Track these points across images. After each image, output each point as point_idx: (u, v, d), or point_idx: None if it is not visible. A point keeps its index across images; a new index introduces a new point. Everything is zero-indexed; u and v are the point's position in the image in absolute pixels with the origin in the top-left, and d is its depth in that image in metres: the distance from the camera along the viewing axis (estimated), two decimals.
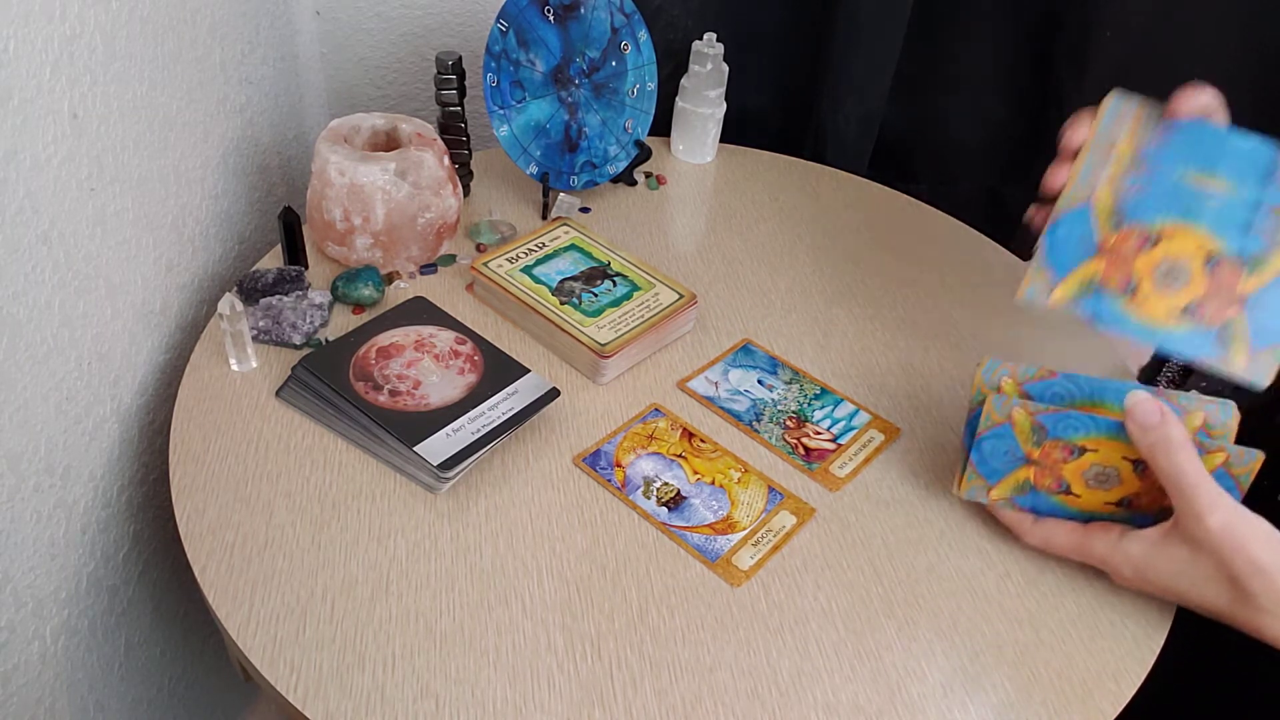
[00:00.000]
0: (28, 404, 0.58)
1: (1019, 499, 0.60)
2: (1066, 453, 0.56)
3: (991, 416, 0.57)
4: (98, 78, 0.61)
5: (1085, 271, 0.58)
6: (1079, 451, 0.56)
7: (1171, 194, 0.55)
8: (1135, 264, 0.57)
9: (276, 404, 0.68)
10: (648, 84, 0.92)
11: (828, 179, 1.00)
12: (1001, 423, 0.57)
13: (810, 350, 0.77)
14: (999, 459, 0.58)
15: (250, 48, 0.87)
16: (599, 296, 0.75)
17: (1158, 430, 0.53)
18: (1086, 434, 0.56)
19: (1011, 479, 0.59)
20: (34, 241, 0.56)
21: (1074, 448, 0.56)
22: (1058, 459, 0.57)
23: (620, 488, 0.64)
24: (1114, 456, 0.56)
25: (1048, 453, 0.57)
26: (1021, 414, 0.56)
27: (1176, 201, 0.55)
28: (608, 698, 0.52)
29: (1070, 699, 0.54)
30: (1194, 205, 0.55)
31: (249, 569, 0.57)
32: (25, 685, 0.62)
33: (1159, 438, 0.53)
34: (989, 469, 0.59)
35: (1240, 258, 0.56)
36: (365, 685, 0.51)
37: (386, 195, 0.75)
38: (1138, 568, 0.56)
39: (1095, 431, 0.55)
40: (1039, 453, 0.57)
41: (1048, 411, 0.56)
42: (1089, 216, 0.57)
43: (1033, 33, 1.00)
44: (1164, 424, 0.53)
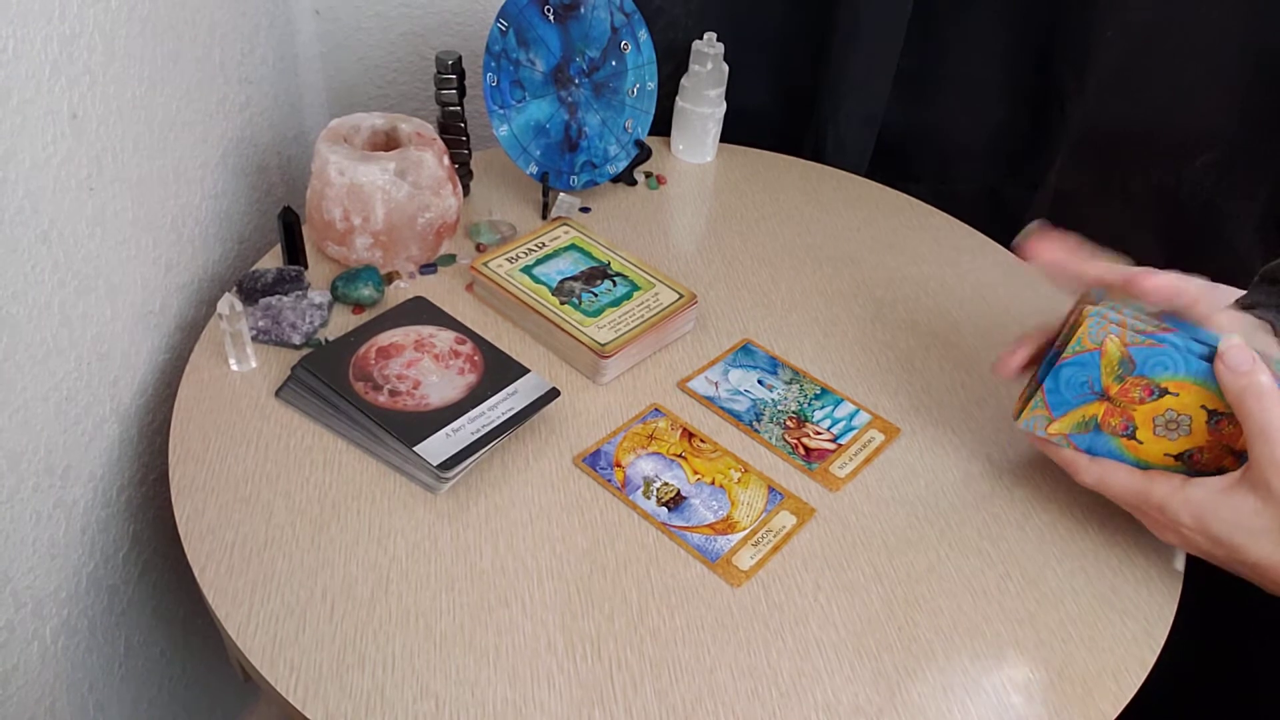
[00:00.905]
0: (27, 404, 0.58)
1: (1077, 438, 0.59)
2: (1146, 393, 0.56)
3: (1083, 340, 0.56)
4: (97, 78, 0.61)
5: (1085, 411, 0.59)
6: (1159, 393, 0.56)
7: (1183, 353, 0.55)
8: (1136, 412, 0.57)
9: (276, 404, 0.68)
10: (648, 83, 0.92)
11: (828, 179, 1.00)
12: (1092, 350, 0.56)
13: (810, 350, 0.77)
14: (1074, 389, 0.58)
15: (250, 47, 0.87)
16: (599, 296, 0.75)
17: (1249, 375, 0.52)
18: (1174, 374, 0.55)
19: (1079, 413, 0.58)
20: (33, 241, 0.56)
21: (1155, 388, 0.56)
22: (1135, 398, 0.56)
23: (620, 488, 0.64)
24: (1193, 403, 0.55)
25: (1127, 390, 0.56)
26: (1115, 343, 0.56)
27: (1186, 363, 0.55)
28: (608, 698, 0.52)
29: (1070, 699, 0.54)
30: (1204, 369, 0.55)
31: (249, 569, 0.57)
32: (25, 685, 0.62)
33: (1250, 383, 0.52)
34: (1059, 399, 0.58)
35: None
36: (365, 685, 0.51)
37: (386, 195, 0.75)
38: (1198, 515, 0.55)
39: (1184, 373, 0.55)
40: (1118, 388, 0.56)
41: (1142, 345, 0.55)
42: (1096, 363, 0.57)
43: (1033, 32, 1.00)
44: (1256, 370, 0.52)
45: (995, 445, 0.69)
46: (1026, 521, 0.64)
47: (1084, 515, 0.64)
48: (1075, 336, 0.57)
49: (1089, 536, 0.63)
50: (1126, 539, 0.63)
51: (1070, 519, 0.64)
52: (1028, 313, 0.83)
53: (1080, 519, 0.64)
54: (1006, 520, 0.64)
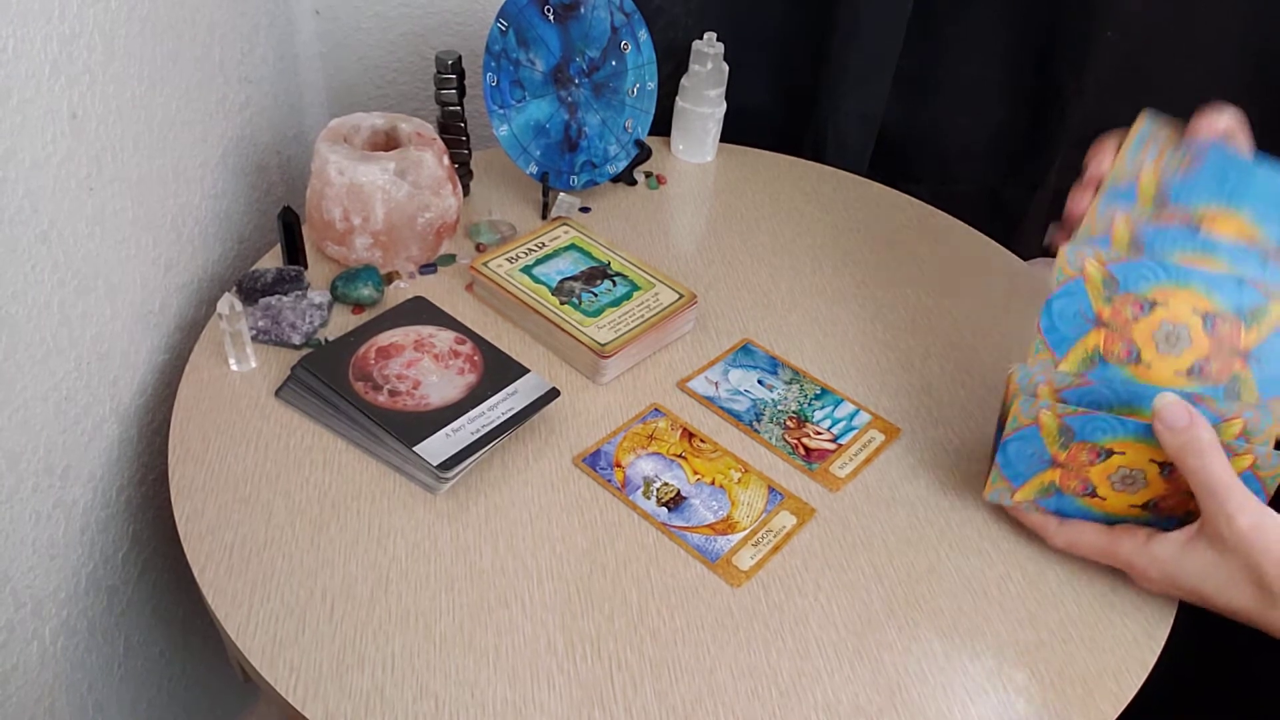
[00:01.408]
0: (27, 404, 0.58)
1: (1043, 501, 0.60)
2: (1093, 455, 0.56)
3: (1019, 419, 0.57)
4: (97, 77, 0.61)
5: (1042, 479, 0.59)
6: (1106, 454, 0.56)
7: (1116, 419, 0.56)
8: (1134, 331, 0.57)
9: (276, 404, 0.68)
10: (648, 83, 0.92)
11: (828, 179, 1.00)
12: (1028, 424, 0.57)
13: (810, 350, 0.77)
14: (1024, 462, 0.58)
15: (249, 47, 0.86)
16: (599, 296, 0.75)
17: (1187, 432, 0.53)
18: (1114, 436, 0.55)
19: (1036, 481, 0.59)
20: (33, 241, 0.56)
21: (1101, 450, 0.56)
22: (1084, 461, 0.57)
23: (620, 488, 0.64)
24: (1141, 459, 0.56)
25: (1074, 455, 0.57)
26: (1049, 416, 0.56)
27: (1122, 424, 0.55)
28: (607, 698, 0.52)
29: (1071, 699, 0.54)
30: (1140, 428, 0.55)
31: (248, 569, 0.57)
32: (24, 685, 0.62)
33: (1189, 439, 0.52)
34: (1014, 472, 0.59)
35: (1238, 314, 0.56)
36: (365, 686, 0.51)
37: (386, 195, 0.75)
38: (1165, 570, 0.55)
39: (1123, 434, 0.55)
40: (1065, 455, 0.57)
41: (1075, 414, 0.56)
42: (1037, 436, 0.57)
43: (1033, 32, 1.00)
44: (1192, 425, 0.52)
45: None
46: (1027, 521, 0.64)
47: None
48: (1010, 414, 0.57)
49: None
50: None
51: None
52: (1028, 313, 0.83)
53: None
54: (1006, 520, 0.64)
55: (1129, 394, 0.56)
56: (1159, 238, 0.57)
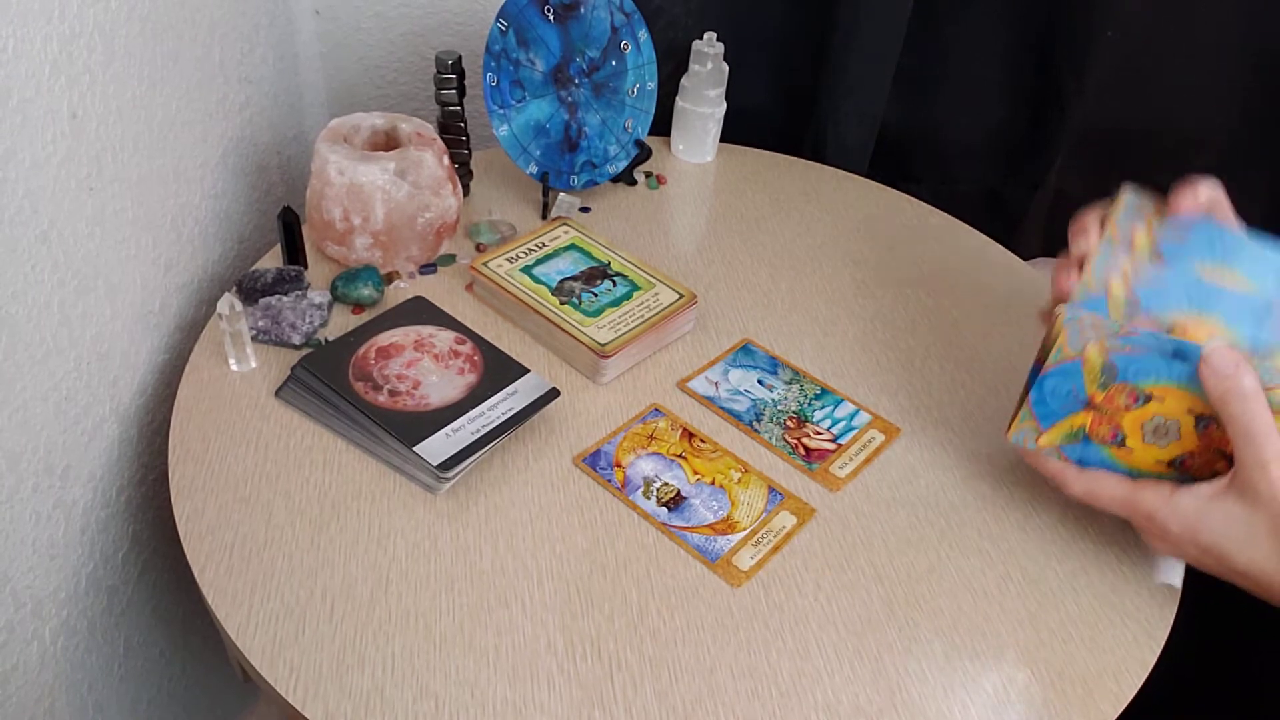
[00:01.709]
0: (27, 404, 0.58)
1: (1068, 449, 0.59)
2: (1131, 399, 0.55)
3: (1064, 350, 0.56)
4: (97, 77, 0.61)
5: (1073, 422, 0.58)
6: (1144, 399, 0.55)
7: (1162, 362, 0.55)
8: (1123, 420, 0.57)
9: (276, 404, 0.68)
10: (648, 83, 0.92)
11: (828, 179, 1.00)
12: (1073, 358, 0.56)
13: (810, 350, 0.77)
14: (1059, 399, 0.57)
15: (249, 47, 0.86)
16: (599, 296, 0.75)
17: (1232, 378, 0.52)
18: (1157, 380, 0.54)
19: (1066, 424, 0.58)
20: (33, 241, 0.56)
21: (1140, 394, 0.55)
22: (1120, 405, 0.56)
23: (620, 488, 0.64)
24: (1179, 408, 0.55)
25: (1111, 397, 0.56)
26: (1095, 350, 0.55)
27: (1168, 368, 0.55)
28: (607, 698, 0.52)
29: (1071, 699, 0.54)
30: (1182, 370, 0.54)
31: (248, 569, 0.57)
32: (24, 685, 0.62)
33: (1233, 385, 0.52)
34: (1045, 410, 0.58)
35: None
36: (365, 686, 0.51)
37: (386, 195, 0.75)
38: (1187, 523, 0.54)
39: (1166, 378, 0.54)
40: (1102, 396, 0.56)
41: (1124, 351, 0.55)
42: (1079, 372, 0.57)
43: (1033, 32, 1.00)
44: (1239, 373, 0.52)
45: (995, 445, 0.69)
46: (1027, 521, 0.64)
47: (1085, 516, 0.64)
48: (1055, 345, 0.57)
49: (1090, 537, 0.63)
50: (1127, 540, 0.63)
51: (1071, 519, 0.64)
52: (1028, 313, 0.83)
53: (1081, 519, 0.64)
54: (1006, 520, 0.64)
55: (1175, 346, 0.55)
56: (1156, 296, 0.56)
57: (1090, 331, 0.56)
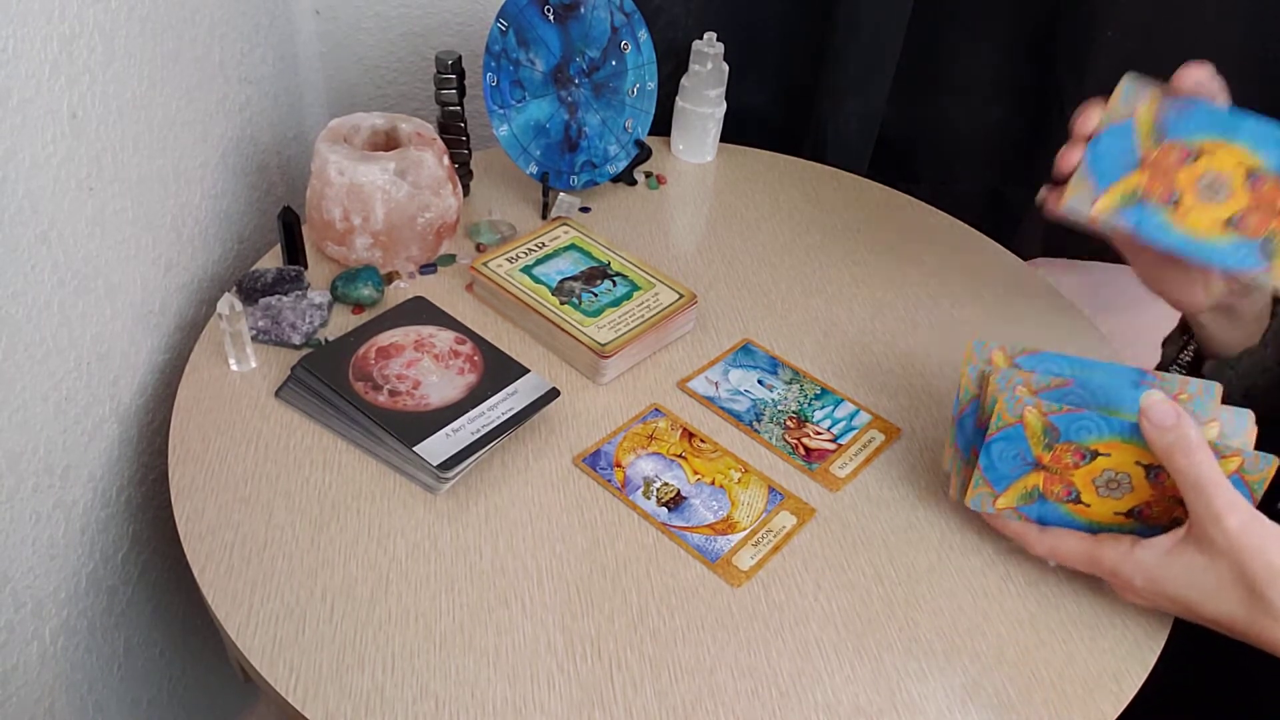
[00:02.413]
0: (27, 404, 0.58)
1: (1026, 508, 0.59)
2: (1078, 457, 0.55)
3: (1003, 417, 0.56)
4: (97, 77, 0.61)
5: (1128, 183, 0.58)
6: (1091, 455, 0.55)
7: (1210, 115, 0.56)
8: (1178, 177, 0.57)
9: (276, 404, 0.68)
10: (648, 83, 0.92)
11: (828, 179, 1.00)
12: (1013, 423, 0.56)
13: (810, 350, 0.77)
14: (1008, 463, 0.57)
15: (250, 47, 0.87)
16: (599, 296, 0.75)
17: (1174, 430, 0.52)
18: (1100, 436, 0.55)
19: (1020, 485, 0.58)
20: (33, 241, 0.56)
21: (1086, 451, 0.55)
22: (1069, 464, 0.56)
23: (620, 488, 0.64)
24: (1127, 461, 0.55)
25: (1059, 456, 0.56)
26: (1034, 414, 0.55)
27: (1216, 122, 0.56)
28: (608, 698, 0.52)
29: (1071, 699, 0.54)
30: (1232, 125, 0.56)
31: (248, 569, 0.57)
32: (24, 685, 0.62)
33: (1176, 437, 0.51)
34: (997, 475, 0.58)
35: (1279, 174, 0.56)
36: (365, 686, 0.51)
37: (386, 195, 0.75)
38: (1150, 577, 0.54)
39: (1109, 434, 0.54)
40: (1050, 456, 0.56)
41: (1061, 412, 0.55)
42: (1131, 131, 0.57)
43: (1033, 32, 1.00)
44: (1180, 424, 0.51)
45: None
46: None
47: None
48: (995, 413, 0.56)
49: None
50: None
51: None
52: (1028, 313, 0.83)
53: None
54: None
55: (1106, 396, 0.56)
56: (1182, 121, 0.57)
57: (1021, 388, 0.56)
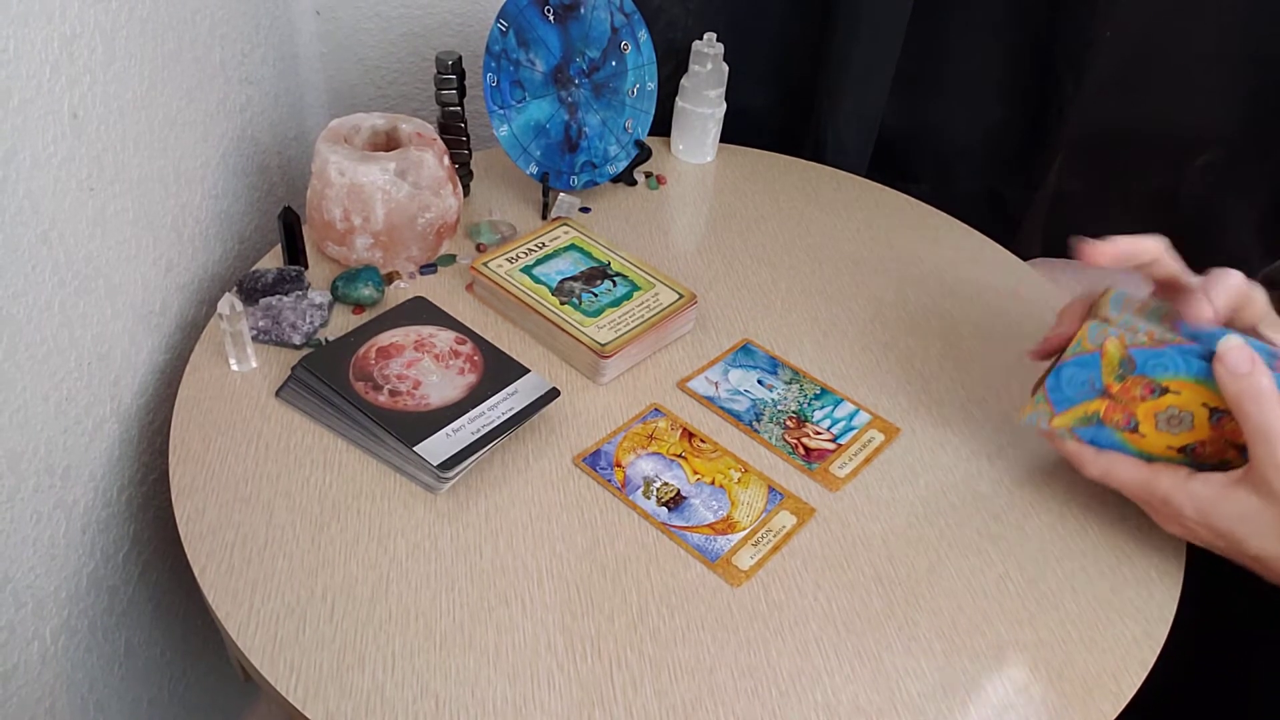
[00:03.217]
0: (27, 404, 0.58)
1: (1080, 430, 0.60)
2: (1147, 391, 0.56)
3: (1083, 343, 0.57)
4: (97, 78, 0.61)
5: (1088, 407, 0.59)
6: (1160, 391, 0.56)
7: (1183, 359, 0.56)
8: (1139, 409, 0.58)
9: (276, 404, 0.68)
10: (648, 84, 0.92)
11: (828, 179, 1.00)
12: (1091, 351, 0.57)
13: (810, 350, 0.77)
14: (1075, 387, 0.58)
15: (250, 47, 0.87)
16: (599, 296, 0.75)
17: (1248, 378, 0.53)
18: (1175, 374, 0.55)
19: (1081, 409, 0.59)
20: (33, 242, 0.56)
21: (1156, 387, 0.56)
22: (1136, 396, 0.57)
23: (620, 488, 0.64)
24: (1194, 401, 0.56)
25: (1128, 389, 0.57)
26: (1114, 345, 0.56)
27: (1187, 365, 0.56)
28: (608, 698, 0.52)
29: (1070, 699, 0.54)
30: (1204, 369, 0.55)
31: (249, 569, 0.57)
32: (25, 685, 0.62)
33: (1248, 385, 0.52)
34: (1061, 396, 0.59)
35: None
36: (365, 685, 0.51)
37: (386, 195, 0.75)
38: (1201, 509, 0.55)
39: (1184, 373, 0.55)
40: (1119, 387, 0.57)
41: (1143, 346, 0.55)
42: (1097, 363, 0.58)
43: (1033, 33, 1.00)
44: (1254, 372, 0.52)
45: (995, 445, 0.69)
46: (1026, 521, 0.64)
47: (1084, 515, 0.64)
48: (1075, 338, 0.58)
49: (1089, 537, 0.63)
50: (1127, 540, 0.63)
51: (1071, 519, 0.64)
52: (1027, 313, 0.83)
53: (1081, 519, 0.64)
54: (1006, 520, 0.64)
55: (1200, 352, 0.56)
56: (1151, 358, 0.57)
57: (1114, 329, 0.57)
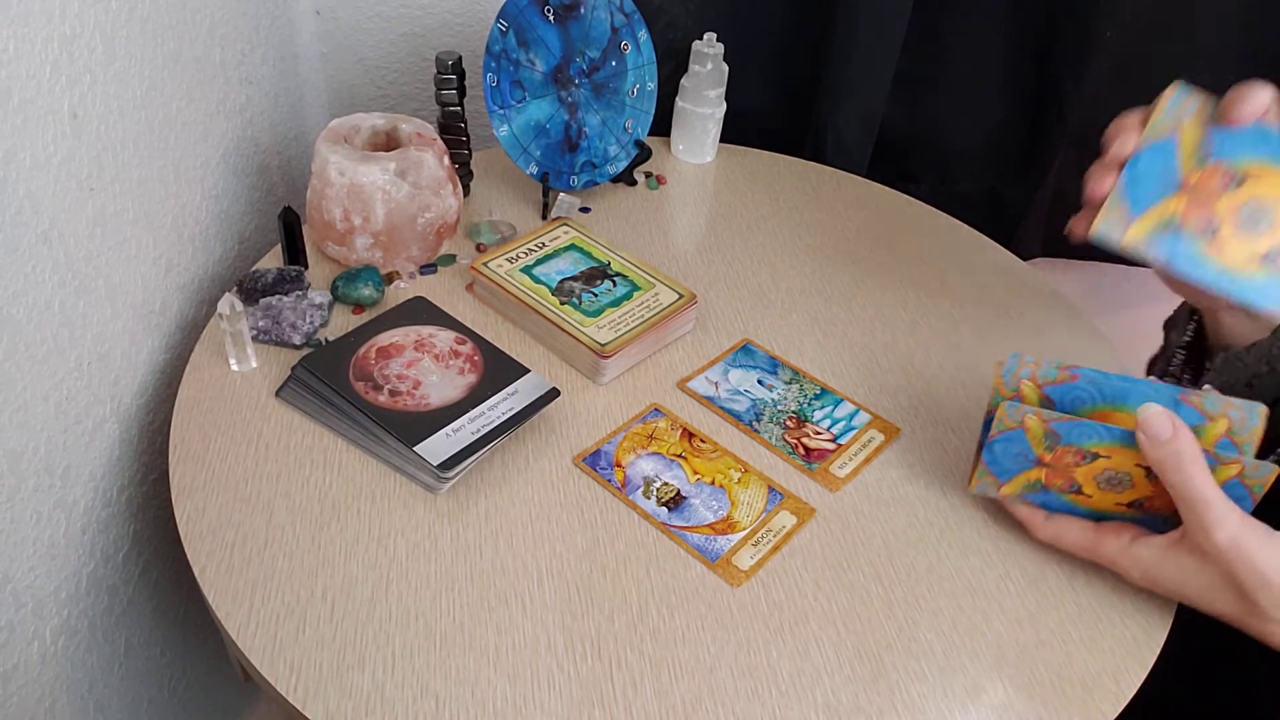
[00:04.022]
0: (28, 404, 0.58)
1: (1030, 496, 0.60)
2: (1079, 457, 0.56)
3: (1004, 422, 0.57)
4: (97, 78, 0.61)
5: (1164, 209, 0.55)
6: (1091, 457, 0.56)
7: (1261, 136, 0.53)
8: (1218, 205, 0.54)
9: (276, 404, 0.68)
10: (648, 84, 0.92)
11: (828, 179, 1.00)
12: (1014, 428, 0.57)
13: (810, 350, 0.77)
14: (1010, 459, 0.58)
15: (250, 47, 0.87)
16: (599, 296, 0.75)
17: (1169, 445, 0.53)
18: (1099, 442, 0.55)
19: (1023, 478, 0.59)
20: (34, 241, 0.56)
21: (1086, 453, 0.56)
22: (1070, 463, 0.57)
23: (620, 488, 0.64)
24: (1127, 463, 0.55)
25: (1060, 457, 0.57)
26: (1034, 421, 0.56)
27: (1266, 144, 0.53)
28: (608, 698, 0.52)
29: (1070, 699, 0.54)
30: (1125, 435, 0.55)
31: (249, 569, 0.57)
32: (25, 685, 0.62)
33: (1169, 453, 0.53)
34: (1000, 469, 0.59)
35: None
36: (365, 685, 0.51)
37: (386, 195, 0.75)
38: (1146, 572, 0.56)
39: (1108, 440, 0.55)
40: (1051, 456, 0.57)
41: (1061, 420, 0.55)
42: (1174, 149, 0.54)
43: (1033, 32, 1.00)
44: (1175, 439, 0.53)
45: None
46: None
47: None
48: (997, 417, 0.57)
49: None
50: None
51: None
52: (1028, 313, 0.83)
53: None
54: (1006, 520, 0.64)
55: (1113, 393, 0.56)
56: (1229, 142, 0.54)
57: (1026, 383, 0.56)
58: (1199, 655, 0.62)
